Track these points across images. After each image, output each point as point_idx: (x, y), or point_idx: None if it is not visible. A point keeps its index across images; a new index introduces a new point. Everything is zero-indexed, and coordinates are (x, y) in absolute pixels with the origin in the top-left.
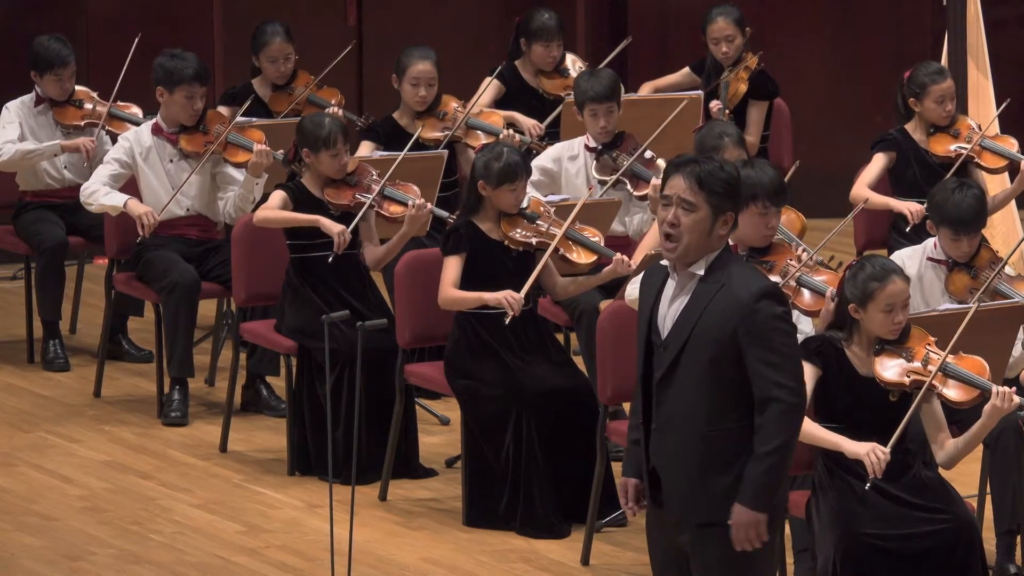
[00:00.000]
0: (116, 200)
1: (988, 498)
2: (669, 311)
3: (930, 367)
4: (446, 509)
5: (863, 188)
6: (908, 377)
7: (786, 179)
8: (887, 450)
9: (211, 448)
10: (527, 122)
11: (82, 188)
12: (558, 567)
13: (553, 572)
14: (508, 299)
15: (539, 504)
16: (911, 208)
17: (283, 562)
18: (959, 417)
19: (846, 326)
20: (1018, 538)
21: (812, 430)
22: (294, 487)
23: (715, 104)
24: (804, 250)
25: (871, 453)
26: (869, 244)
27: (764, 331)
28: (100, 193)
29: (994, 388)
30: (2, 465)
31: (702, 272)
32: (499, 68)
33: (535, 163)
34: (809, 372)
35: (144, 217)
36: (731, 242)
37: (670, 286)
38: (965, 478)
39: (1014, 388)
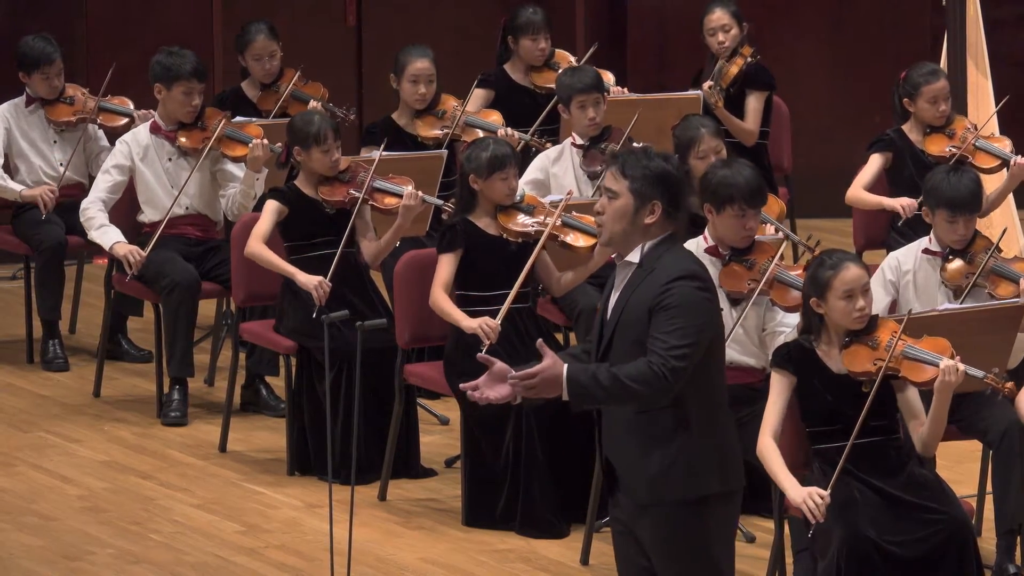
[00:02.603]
0: (105, 241)
1: (988, 497)
2: (612, 301)
3: (895, 352)
4: (445, 509)
5: (858, 189)
6: (874, 364)
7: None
8: (826, 493)
9: (210, 448)
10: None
11: (82, 206)
12: (557, 567)
13: (552, 572)
14: (484, 327)
15: (538, 504)
16: (903, 203)
17: (282, 562)
18: (960, 416)
19: (813, 326)
20: (1018, 538)
21: (771, 464)
22: (293, 487)
23: (707, 83)
24: (775, 227)
25: (807, 501)
26: (868, 244)
27: (669, 303)
28: (94, 224)
29: (942, 363)
30: (1, 465)
31: (636, 260)
32: (482, 76)
33: (522, 181)
34: (784, 384)
35: (129, 256)
36: (711, 242)
37: (616, 277)
38: (965, 478)
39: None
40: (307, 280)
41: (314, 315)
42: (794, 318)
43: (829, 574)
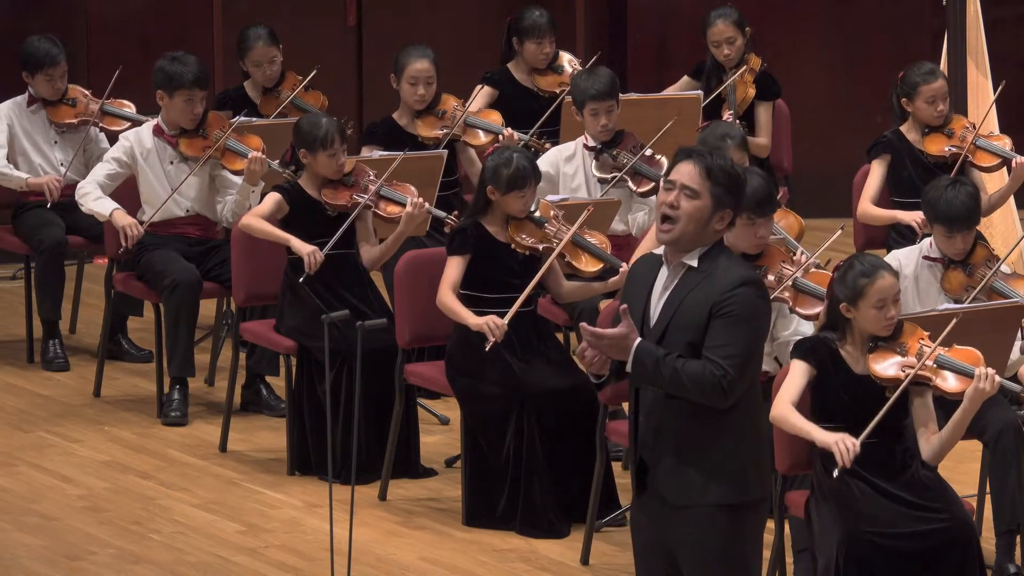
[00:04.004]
0: (103, 208)
1: (988, 497)
2: (660, 300)
3: (927, 362)
4: (446, 509)
5: (868, 205)
6: (903, 372)
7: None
8: (857, 441)
9: (211, 448)
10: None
11: (78, 186)
12: (558, 567)
13: (553, 572)
14: (490, 324)
15: (539, 503)
16: (917, 219)
17: (283, 562)
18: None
19: (839, 327)
20: (1018, 538)
21: (789, 416)
22: (294, 487)
23: (728, 116)
24: (804, 254)
25: (840, 442)
26: (868, 244)
27: (732, 308)
28: (91, 196)
29: (977, 371)
30: (2, 465)
31: (694, 263)
32: (488, 73)
33: None
34: (803, 370)
35: (128, 229)
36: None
37: (662, 276)
38: (965, 478)
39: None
40: (301, 246)
41: (300, 279)
42: (809, 326)
43: (828, 574)
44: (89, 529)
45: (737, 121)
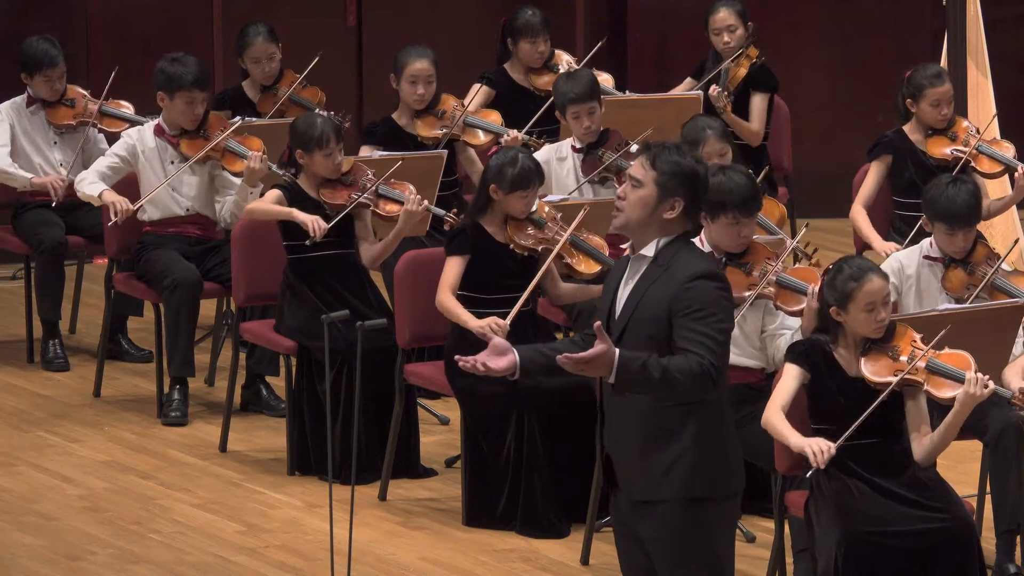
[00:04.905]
0: (94, 191)
1: (988, 497)
2: (624, 293)
3: (919, 364)
4: (446, 509)
5: (859, 210)
6: (896, 375)
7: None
8: (833, 445)
9: (211, 448)
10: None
11: (77, 176)
12: (558, 567)
13: (553, 572)
14: (492, 326)
15: (539, 503)
16: (887, 250)
17: (283, 562)
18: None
19: (830, 330)
20: (1018, 538)
21: (771, 420)
22: (294, 487)
23: (714, 88)
24: (782, 239)
25: (812, 444)
26: (868, 244)
27: (693, 303)
28: (86, 182)
29: (968, 376)
30: (2, 465)
31: (650, 254)
32: (486, 73)
33: None
34: (796, 374)
35: (116, 204)
36: (707, 247)
37: (628, 268)
38: (965, 478)
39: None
40: (304, 217)
41: (307, 243)
42: (796, 321)
43: (828, 574)
44: (89, 529)
45: (725, 94)
